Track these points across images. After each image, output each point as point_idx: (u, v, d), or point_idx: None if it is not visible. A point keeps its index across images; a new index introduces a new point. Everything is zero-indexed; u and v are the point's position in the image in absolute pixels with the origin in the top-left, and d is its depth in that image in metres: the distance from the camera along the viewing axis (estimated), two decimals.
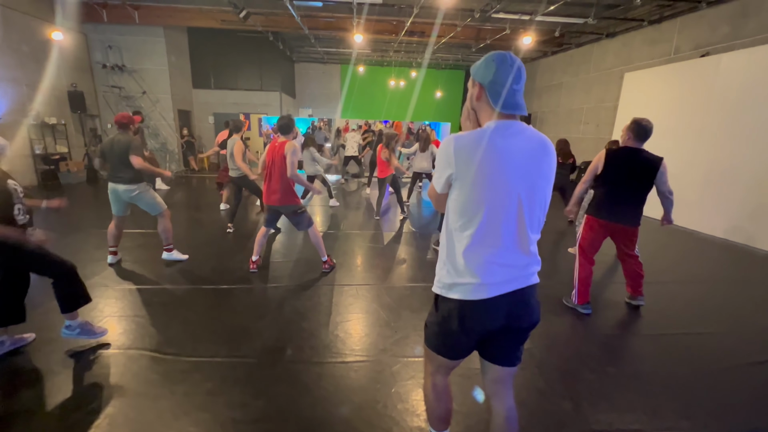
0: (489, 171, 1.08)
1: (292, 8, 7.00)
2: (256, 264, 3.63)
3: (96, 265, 3.65)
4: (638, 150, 2.75)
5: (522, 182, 1.10)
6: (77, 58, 8.98)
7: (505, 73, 1.09)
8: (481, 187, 1.09)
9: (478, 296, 1.13)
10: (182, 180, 9.55)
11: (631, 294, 3.15)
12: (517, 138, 1.11)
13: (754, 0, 5.37)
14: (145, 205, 3.61)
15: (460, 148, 1.10)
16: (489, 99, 1.12)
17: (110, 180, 3.48)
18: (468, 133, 1.13)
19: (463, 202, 1.12)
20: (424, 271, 3.83)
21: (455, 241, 1.16)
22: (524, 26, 8.11)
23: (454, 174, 1.11)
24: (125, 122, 3.47)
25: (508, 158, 1.09)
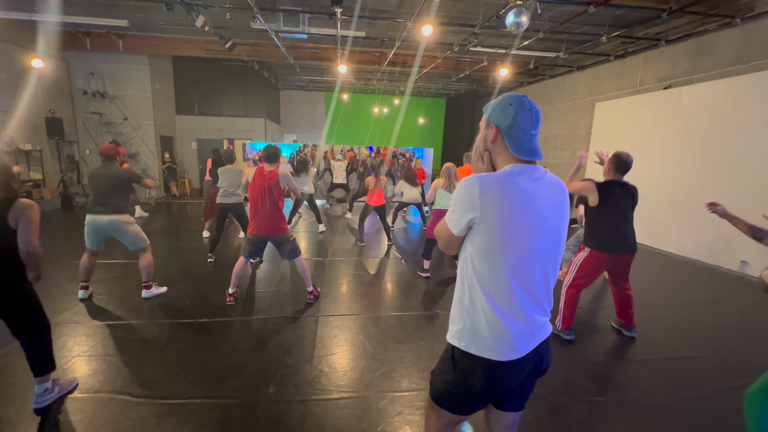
0: (517, 216, 1.04)
1: (278, 40, 7.18)
2: (233, 296, 3.52)
3: (66, 300, 3.47)
4: (624, 182, 2.90)
5: (547, 227, 1.08)
6: (57, 84, 8.87)
7: (524, 119, 1.08)
8: (509, 232, 1.04)
9: (510, 356, 1.07)
10: (162, 206, 9.34)
11: (625, 324, 3.16)
12: (540, 182, 1.09)
13: (707, 40, 5.85)
14: (127, 239, 3.47)
15: (486, 190, 1.04)
16: (507, 144, 1.10)
17: (92, 211, 3.33)
18: (492, 174, 1.08)
19: (490, 248, 1.05)
20: (410, 300, 3.80)
21: (480, 289, 1.08)
22: (501, 59, 8.54)
23: (479, 217, 1.05)
24: (111, 154, 3.39)
25: (534, 203, 1.06)
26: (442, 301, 3.78)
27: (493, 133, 1.12)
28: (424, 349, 2.85)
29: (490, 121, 1.12)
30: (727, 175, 5.34)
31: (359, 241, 5.92)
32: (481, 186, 1.04)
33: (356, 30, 6.88)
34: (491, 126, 1.12)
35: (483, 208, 1.03)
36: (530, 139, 1.09)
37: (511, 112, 1.08)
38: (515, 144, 1.09)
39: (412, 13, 5.95)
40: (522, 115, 1.08)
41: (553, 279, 1.13)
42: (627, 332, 3.13)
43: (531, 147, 1.09)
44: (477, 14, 6.09)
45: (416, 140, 15.57)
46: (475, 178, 1.06)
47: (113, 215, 3.34)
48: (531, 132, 1.08)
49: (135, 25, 7.44)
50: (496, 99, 1.13)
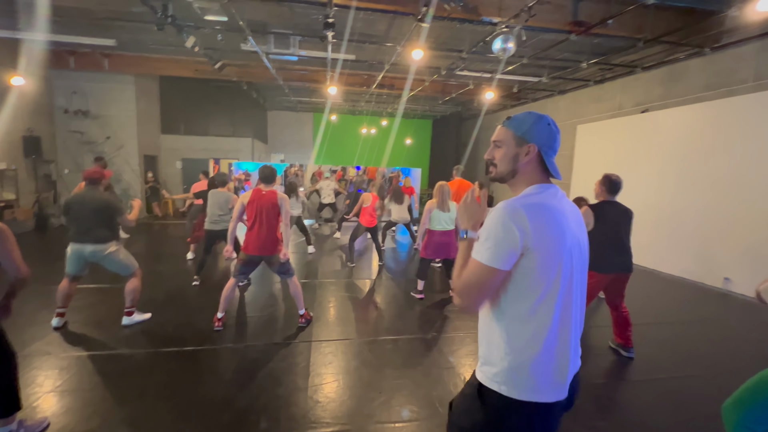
0: (559, 239, 0.99)
1: (268, 62, 7.24)
2: (221, 321, 3.37)
3: (38, 329, 3.24)
4: (616, 202, 2.95)
5: (579, 246, 1.06)
6: (37, 103, 8.64)
7: (557, 140, 1.09)
8: (555, 258, 0.98)
9: (560, 396, 1.00)
10: (144, 227, 9.03)
11: (624, 344, 3.14)
12: (564, 203, 1.07)
13: (679, 68, 6.20)
14: (115, 266, 3.30)
15: (534, 216, 0.97)
16: (546, 164, 1.08)
17: (76, 240, 3.15)
18: (527, 198, 1.03)
19: (536, 278, 0.98)
20: (405, 322, 3.71)
21: (524, 325, 0.99)
22: (486, 83, 8.82)
23: (531, 247, 0.96)
24: (96, 178, 3.23)
25: (567, 224, 1.02)
26: (438, 323, 3.70)
27: (531, 152, 1.06)
28: (422, 375, 2.76)
29: (527, 140, 1.06)
30: (703, 194, 5.55)
31: (350, 262, 5.82)
32: (528, 212, 0.97)
33: (346, 53, 7.00)
34: (528, 144, 1.06)
35: (534, 236, 0.95)
36: (554, 160, 1.11)
37: (549, 132, 1.07)
38: (552, 164, 1.09)
39: (401, 38, 6.12)
40: (557, 136, 1.09)
41: (584, 300, 1.09)
42: (625, 353, 3.12)
43: (556, 167, 1.10)
44: (464, 40, 6.31)
45: (404, 160, 15.75)
46: (516, 205, 0.98)
47: (99, 245, 3.17)
48: (555, 148, 1.10)
49: (122, 44, 7.37)
50: (526, 116, 1.08)
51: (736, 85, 5.35)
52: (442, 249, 4.23)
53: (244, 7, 5.34)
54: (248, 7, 5.44)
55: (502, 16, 4.83)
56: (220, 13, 4.94)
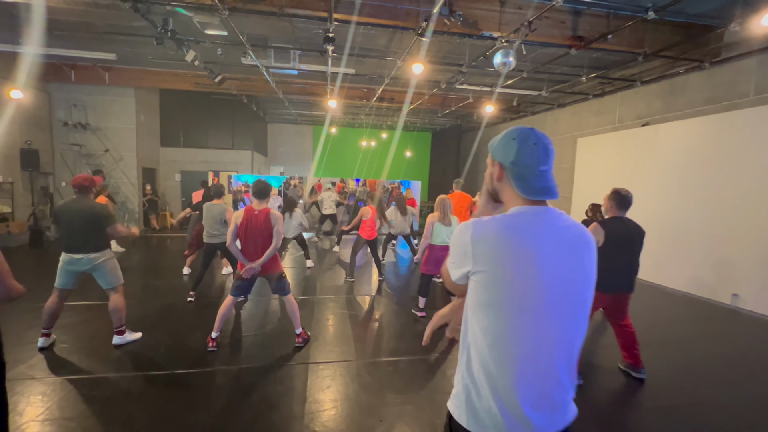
0: (519, 271, 0.89)
1: (268, 75, 7.25)
2: (215, 342, 3.24)
3: (22, 350, 3.10)
4: (627, 218, 2.86)
5: (562, 284, 0.91)
6: (36, 116, 8.63)
7: (528, 154, 0.97)
8: (510, 291, 0.89)
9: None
10: (141, 240, 8.92)
11: (632, 365, 3.01)
12: (551, 228, 0.94)
13: (678, 81, 6.21)
14: (103, 276, 3.19)
15: (479, 238, 0.92)
16: (512, 182, 0.99)
17: (70, 251, 3.05)
18: (489, 219, 0.95)
19: (486, 303, 0.91)
20: (406, 342, 3.58)
21: (476, 350, 0.93)
22: (485, 96, 8.85)
23: (472, 268, 0.93)
24: (86, 185, 3.15)
25: (543, 254, 0.91)
26: (441, 343, 3.57)
27: (497, 171, 1.02)
28: (425, 399, 2.62)
29: (494, 158, 1.04)
30: (707, 208, 5.48)
31: (349, 277, 5.70)
32: (473, 233, 0.93)
33: (346, 67, 7.02)
34: (495, 163, 1.03)
35: (476, 259, 0.92)
36: (539, 176, 0.97)
37: (514, 147, 0.98)
38: (521, 182, 0.98)
39: (400, 52, 6.14)
40: (526, 150, 0.97)
41: (575, 348, 0.94)
42: (635, 374, 2.99)
43: (541, 185, 0.97)
44: (463, 54, 6.33)
45: (404, 173, 15.75)
46: (469, 224, 0.96)
47: (94, 253, 3.09)
48: (539, 168, 0.96)
49: (123, 58, 7.40)
50: (500, 134, 1.05)
51: (737, 98, 5.34)
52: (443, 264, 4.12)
53: (244, 21, 5.36)
54: (249, 21, 5.46)
55: (502, 31, 4.84)
56: (220, 27, 4.94)
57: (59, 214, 3.08)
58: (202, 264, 4.56)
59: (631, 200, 2.87)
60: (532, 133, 0.99)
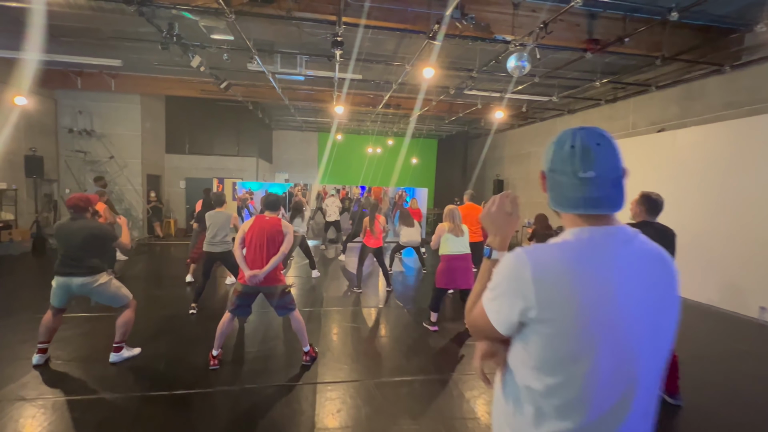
0: (597, 315, 0.71)
1: (274, 81, 7.17)
2: (217, 359, 3.05)
3: (16, 367, 2.94)
4: (656, 223, 2.69)
5: (639, 322, 0.74)
6: (42, 122, 8.61)
7: (562, 158, 0.80)
8: (580, 336, 0.72)
9: None
10: (145, 248, 8.80)
11: (670, 392, 2.74)
12: (627, 254, 0.76)
13: (696, 86, 6.03)
14: (106, 299, 3.03)
15: (543, 276, 0.74)
16: (548, 194, 0.85)
17: (61, 273, 2.89)
18: (548, 248, 0.78)
19: (556, 366, 0.74)
20: (419, 360, 3.38)
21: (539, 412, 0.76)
22: (494, 102, 8.71)
23: (536, 314, 0.74)
24: (81, 205, 2.98)
25: (623, 291, 0.73)
26: (456, 360, 3.36)
27: (540, 181, 0.88)
28: (443, 425, 2.42)
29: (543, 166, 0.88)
30: (730, 217, 5.25)
31: (356, 287, 5.51)
32: (534, 268, 0.74)
33: (353, 73, 6.92)
34: (542, 173, 0.89)
35: (542, 304, 0.73)
36: (578, 185, 0.78)
37: (550, 151, 0.84)
38: (555, 192, 0.83)
39: (408, 57, 6.02)
40: (560, 153, 0.82)
41: (652, 398, 0.79)
42: (671, 400, 2.76)
43: (577, 195, 0.79)
44: (471, 59, 6.21)
45: (410, 180, 15.61)
46: (522, 254, 0.77)
47: (87, 277, 2.91)
48: (579, 175, 0.78)
49: (129, 65, 7.36)
50: None
51: (759, 103, 5.14)
52: (459, 276, 3.92)
53: (251, 26, 5.28)
54: (255, 27, 5.37)
55: (515, 34, 4.70)
56: (226, 32, 4.85)
57: (58, 234, 2.94)
58: (203, 274, 4.40)
59: (662, 204, 2.68)
60: (573, 134, 0.82)
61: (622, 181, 0.81)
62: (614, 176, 0.80)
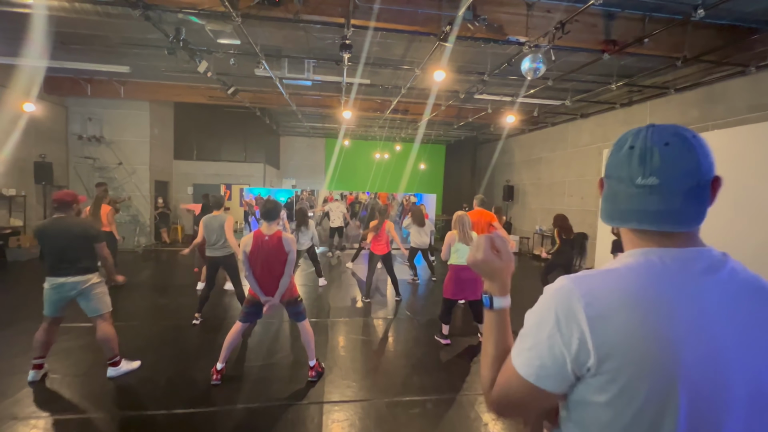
0: (667, 361, 0.55)
1: (282, 87, 7.10)
2: (220, 374, 2.90)
3: (10, 382, 2.82)
4: None
5: (733, 379, 0.56)
6: (52, 129, 8.67)
7: (619, 162, 0.66)
8: (652, 395, 0.55)
9: None
10: (151, 254, 8.76)
11: None
12: (708, 285, 0.60)
13: (717, 89, 5.80)
14: (89, 302, 2.90)
15: (601, 310, 0.57)
16: (601, 206, 0.71)
17: (55, 273, 2.77)
18: (600, 275, 0.62)
19: (615, 424, 0.57)
20: (432, 376, 3.18)
21: None
22: (504, 106, 8.54)
23: (593, 364, 0.57)
24: (68, 200, 2.87)
25: (702, 330, 0.57)
26: (471, 377, 3.17)
27: (598, 188, 0.74)
28: None
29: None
30: (755, 226, 4.98)
31: (365, 297, 5.34)
32: (588, 300, 0.58)
33: (361, 77, 6.82)
34: (600, 180, 0.73)
35: (600, 348, 0.56)
36: (636, 195, 0.63)
37: (612, 152, 0.69)
38: (608, 203, 0.68)
39: (417, 62, 5.90)
40: (618, 157, 0.67)
41: None
42: None
43: (637, 207, 0.63)
44: (482, 63, 6.06)
45: (417, 186, 15.45)
46: (571, 285, 0.61)
47: (79, 276, 2.80)
48: (636, 182, 0.63)
49: (138, 71, 7.37)
50: None
51: None
52: (468, 286, 3.74)
53: (258, 32, 5.21)
54: (263, 32, 5.31)
55: (529, 35, 4.55)
56: (232, 36, 4.78)
57: (41, 234, 2.79)
58: (206, 282, 4.27)
59: None
60: (639, 132, 0.66)
61: (702, 191, 0.65)
62: (688, 185, 0.63)
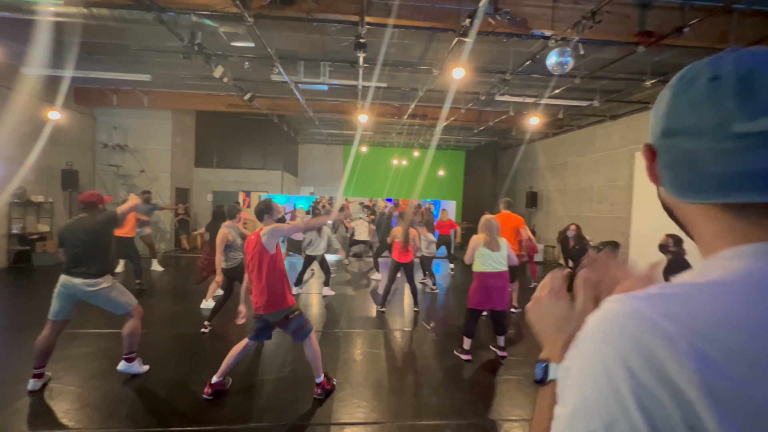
0: None
1: (298, 92, 7.05)
2: (214, 389, 2.69)
3: (10, 392, 2.71)
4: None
5: None
6: (81, 138, 8.97)
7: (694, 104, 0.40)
8: None
9: None
10: (171, 260, 8.82)
11: None
12: None
13: None
14: (107, 304, 2.87)
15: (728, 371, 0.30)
16: (664, 176, 0.45)
17: (66, 271, 2.77)
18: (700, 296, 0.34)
19: None
20: (452, 397, 2.88)
21: None
22: (527, 109, 8.20)
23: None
24: (93, 200, 2.90)
25: None
26: (495, 398, 2.85)
27: (647, 161, 0.47)
28: None
29: (653, 135, 0.46)
30: None
31: (380, 306, 5.08)
32: (693, 349, 0.31)
33: (378, 81, 6.68)
34: (646, 147, 0.47)
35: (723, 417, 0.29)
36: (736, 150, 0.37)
37: (664, 100, 0.44)
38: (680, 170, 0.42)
39: (436, 63, 5.69)
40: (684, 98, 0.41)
41: None
42: None
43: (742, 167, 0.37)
44: (504, 62, 5.79)
45: (436, 192, 15.15)
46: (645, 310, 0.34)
47: (90, 279, 2.76)
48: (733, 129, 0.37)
49: (159, 80, 7.51)
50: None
51: None
52: (495, 296, 3.42)
53: (273, 36, 5.15)
54: (278, 37, 5.25)
55: (555, 29, 4.26)
56: (246, 38, 4.73)
57: (62, 236, 2.82)
58: (224, 293, 4.14)
59: None
60: (717, 60, 0.40)
61: None
62: None
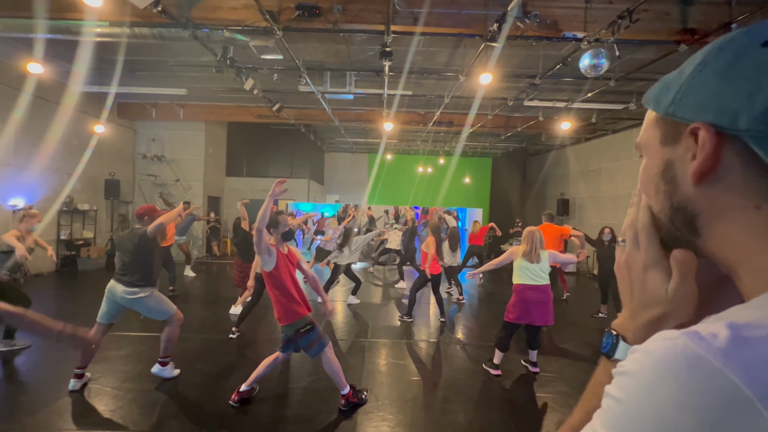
0: None
1: (325, 102, 7.17)
2: (241, 396, 2.70)
3: (52, 390, 2.84)
4: None
5: None
6: (122, 150, 9.53)
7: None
8: None
9: None
10: (202, 266, 9.13)
11: None
12: None
13: None
14: (147, 311, 3.01)
15: None
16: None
17: (114, 278, 2.95)
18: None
19: None
20: (482, 414, 2.75)
21: None
22: (557, 114, 7.93)
23: None
24: (141, 213, 3.11)
25: None
26: (531, 416, 2.70)
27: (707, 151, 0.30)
28: None
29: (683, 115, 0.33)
30: None
31: (406, 316, 5.00)
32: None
33: (403, 88, 6.68)
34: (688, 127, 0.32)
35: None
36: None
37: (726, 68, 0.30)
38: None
39: (462, 69, 5.62)
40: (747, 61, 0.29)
41: None
42: None
43: None
44: (532, 66, 5.63)
45: (462, 200, 14.91)
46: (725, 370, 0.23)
47: (129, 288, 2.90)
48: None
49: (194, 94, 7.87)
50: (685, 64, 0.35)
51: None
52: (535, 309, 3.25)
53: (300, 47, 5.27)
54: (306, 48, 5.37)
55: (588, 30, 4.10)
56: (275, 51, 4.87)
57: (117, 243, 3.14)
58: (251, 299, 4.21)
59: None
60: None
61: None
62: None
